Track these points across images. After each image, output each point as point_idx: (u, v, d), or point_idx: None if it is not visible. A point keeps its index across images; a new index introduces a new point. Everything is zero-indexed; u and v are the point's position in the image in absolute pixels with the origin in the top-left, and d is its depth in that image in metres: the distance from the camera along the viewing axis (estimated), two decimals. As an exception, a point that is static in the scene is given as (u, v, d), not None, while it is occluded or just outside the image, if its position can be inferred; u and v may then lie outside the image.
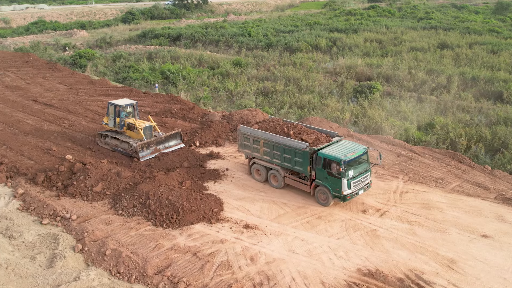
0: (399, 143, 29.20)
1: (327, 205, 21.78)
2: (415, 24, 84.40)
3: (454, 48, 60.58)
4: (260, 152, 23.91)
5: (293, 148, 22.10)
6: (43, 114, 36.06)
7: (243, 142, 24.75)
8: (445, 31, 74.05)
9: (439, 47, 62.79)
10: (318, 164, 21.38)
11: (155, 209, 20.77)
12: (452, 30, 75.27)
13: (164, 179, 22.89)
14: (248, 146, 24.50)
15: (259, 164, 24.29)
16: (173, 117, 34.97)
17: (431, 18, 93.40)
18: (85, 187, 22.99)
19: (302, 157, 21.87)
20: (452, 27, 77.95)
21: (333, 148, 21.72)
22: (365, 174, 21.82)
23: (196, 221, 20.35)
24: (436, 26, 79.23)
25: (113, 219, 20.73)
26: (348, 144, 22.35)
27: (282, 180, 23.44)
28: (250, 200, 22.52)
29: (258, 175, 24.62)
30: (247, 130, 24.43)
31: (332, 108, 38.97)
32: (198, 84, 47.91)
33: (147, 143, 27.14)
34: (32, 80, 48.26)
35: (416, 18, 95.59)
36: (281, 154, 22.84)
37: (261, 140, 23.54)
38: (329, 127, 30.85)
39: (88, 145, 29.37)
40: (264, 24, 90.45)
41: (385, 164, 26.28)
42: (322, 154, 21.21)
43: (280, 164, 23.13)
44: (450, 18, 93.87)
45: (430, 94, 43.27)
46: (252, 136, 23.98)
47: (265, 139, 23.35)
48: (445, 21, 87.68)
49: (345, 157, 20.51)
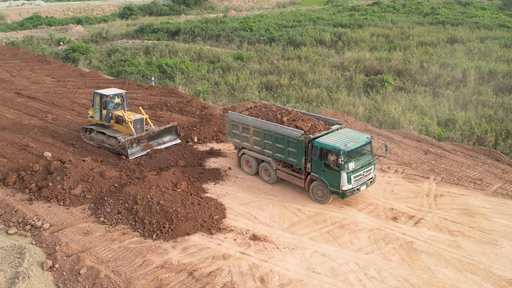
0: (424, 139, 25.71)
1: (324, 202, 18.93)
2: (422, 19, 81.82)
3: (465, 43, 57.69)
4: (250, 141, 21.22)
5: (286, 137, 19.33)
6: (25, 107, 32.51)
7: (231, 130, 22.05)
8: (453, 26, 71.42)
9: (449, 41, 60.39)
10: (314, 154, 18.54)
11: (144, 216, 17.23)
12: (461, 25, 72.78)
13: (156, 180, 19.32)
14: (237, 134, 21.80)
15: (249, 155, 21.61)
16: (168, 111, 31.47)
17: (437, 13, 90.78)
18: (62, 189, 19.42)
19: (296, 146, 19.05)
20: (460, 22, 75.53)
21: (332, 136, 18.82)
22: (369, 167, 18.87)
23: (193, 231, 16.80)
24: (443, 21, 76.72)
25: (92, 228, 17.18)
26: (350, 133, 19.36)
27: (274, 174, 20.64)
28: (257, 204, 18.97)
29: (248, 167, 21.96)
30: (236, 117, 21.62)
31: (343, 102, 35.86)
32: (197, 78, 44.61)
33: (137, 138, 23.60)
34: (18, 72, 44.72)
35: (422, 13, 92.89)
36: (273, 143, 20.11)
37: (251, 127, 20.82)
38: (344, 120, 27.38)
39: (71, 141, 25.80)
40: (266, 19, 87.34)
41: (412, 163, 22.77)
42: (319, 143, 18.35)
43: (272, 155, 20.42)
44: (457, 13, 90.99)
45: (445, 89, 40.16)
46: (242, 123, 21.24)
47: (255, 126, 20.63)
48: (452, 16, 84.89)
49: (345, 147, 17.67)
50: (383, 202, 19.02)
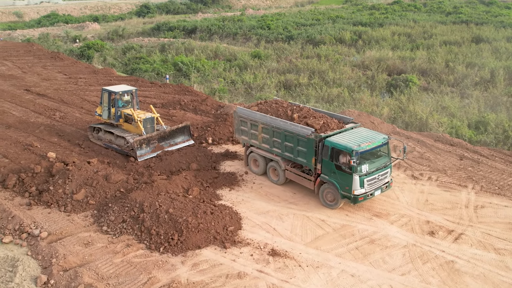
0: (458, 143, 23.60)
1: (335, 207, 17.43)
2: (444, 18, 79.12)
3: (492, 42, 55.21)
4: (258, 139, 19.87)
5: (295, 135, 17.95)
6: (33, 104, 31.14)
7: (240, 126, 20.75)
8: (478, 26, 68.71)
9: (473, 41, 57.89)
10: (325, 155, 17.09)
11: (151, 226, 15.52)
12: (485, 24, 69.97)
13: (165, 185, 17.59)
14: (245, 131, 20.51)
15: (257, 154, 20.32)
16: (182, 109, 29.77)
17: (460, 12, 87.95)
18: (64, 193, 17.81)
19: (306, 146, 17.66)
20: (484, 21, 72.75)
21: (345, 136, 17.30)
22: (385, 170, 17.25)
23: (204, 244, 15.04)
24: (467, 20, 73.94)
25: (94, 238, 15.52)
26: (365, 132, 17.75)
27: (282, 174, 19.28)
28: (276, 214, 17.12)
29: (256, 167, 20.69)
30: (245, 112, 20.32)
31: (366, 102, 33.90)
32: (213, 77, 42.96)
33: (147, 139, 21.92)
34: (30, 69, 43.58)
35: (444, 12, 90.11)
36: (281, 142, 18.73)
37: (259, 124, 19.50)
38: (370, 122, 25.40)
39: (78, 140, 24.24)
40: (284, 17, 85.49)
41: (447, 169, 20.69)
42: (330, 142, 16.91)
43: (281, 154, 19.07)
44: (480, 12, 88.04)
45: (473, 89, 37.98)
46: (250, 119, 19.94)
47: (264, 123, 19.27)
48: (475, 15, 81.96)
49: (358, 147, 16.18)
50: (417, 214, 17.02)
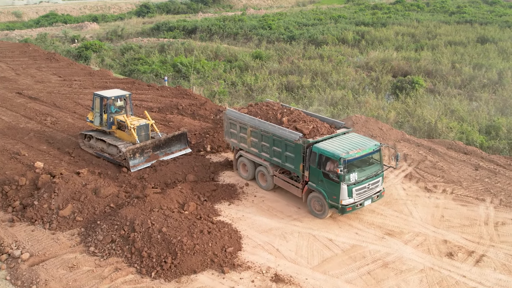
0: (473, 151, 22.18)
1: (322, 217, 16.61)
2: (448, 18, 77.92)
3: (497, 42, 53.94)
4: (247, 142, 19.19)
5: (283, 139, 17.25)
6: (24, 109, 29.75)
7: (229, 129, 20.14)
8: (482, 25, 67.49)
9: (478, 41, 56.74)
10: (312, 162, 16.37)
11: (142, 247, 14.14)
12: (490, 24, 68.78)
13: (159, 200, 16.18)
14: (234, 134, 19.88)
15: (246, 158, 19.63)
16: (180, 114, 28.38)
17: (464, 12, 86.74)
18: (49, 209, 16.42)
19: (294, 151, 16.95)
20: (489, 21, 71.65)
21: (334, 142, 16.57)
22: (376, 179, 16.46)
23: (201, 268, 13.64)
24: (471, 20, 72.78)
25: (80, 260, 14.13)
26: (355, 139, 16.93)
27: (270, 180, 18.61)
28: (280, 233, 15.73)
29: (245, 172, 20.00)
30: (234, 114, 19.72)
31: (371, 105, 32.53)
32: (213, 78, 41.59)
33: (140, 148, 20.53)
34: (24, 71, 42.15)
35: (448, 12, 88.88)
36: (270, 146, 18.05)
37: (248, 127, 18.82)
38: (378, 128, 24.01)
39: (68, 148, 22.86)
40: (285, 17, 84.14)
41: (462, 181, 19.29)
42: (318, 149, 16.17)
43: (269, 159, 18.36)
44: (484, 12, 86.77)
45: (481, 91, 36.66)
46: (239, 122, 19.30)
47: (252, 126, 18.62)
48: (479, 15, 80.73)
49: (346, 155, 15.45)
50: (433, 232, 15.63)
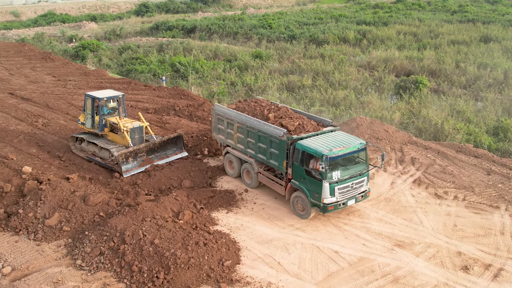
0: (483, 154, 21.10)
1: (305, 217, 16.17)
2: (449, 17, 77.02)
3: (501, 41, 53.04)
4: (234, 138, 18.99)
5: (268, 136, 17.03)
6: (15, 110, 28.67)
7: (217, 125, 19.95)
8: (485, 24, 66.60)
9: (482, 40, 55.98)
10: (296, 159, 16.05)
11: (133, 261, 13.06)
12: (493, 23, 67.85)
13: (152, 208, 15.09)
14: (222, 130, 19.72)
15: (232, 155, 19.34)
16: (176, 115, 27.31)
17: (466, 11, 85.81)
18: (35, 218, 15.34)
19: (278, 147, 16.70)
20: (491, 20, 70.84)
21: (318, 139, 16.19)
22: (360, 178, 16.02)
23: (196, 283, 12.55)
24: (473, 19, 71.80)
25: (65, 275, 13.04)
26: (341, 137, 16.54)
27: (255, 177, 18.31)
28: (281, 243, 14.65)
29: (231, 169, 19.73)
30: (221, 110, 19.60)
31: (375, 106, 31.56)
32: (212, 78, 40.56)
33: (134, 152, 19.44)
34: (18, 71, 41.10)
35: (450, 11, 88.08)
36: (255, 142, 17.84)
37: (235, 123, 18.62)
38: (384, 130, 22.93)
39: (58, 152, 21.77)
40: (285, 16, 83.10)
41: (474, 186, 18.21)
42: (301, 145, 15.83)
43: (254, 155, 18.15)
44: (487, 11, 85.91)
45: (487, 91, 35.76)
46: (226, 117, 19.11)
47: (239, 122, 18.42)
48: (482, 14, 79.86)
49: (329, 152, 15.05)
50: (446, 243, 14.56)
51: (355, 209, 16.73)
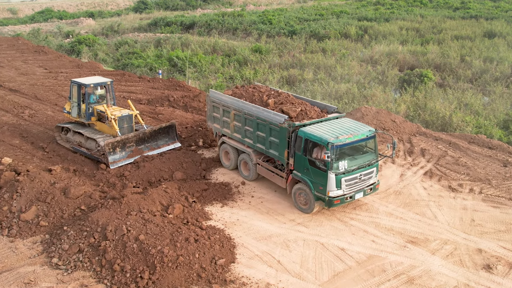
0: (498, 145, 19.68)
1: (308, 211, 14.69)
2: (452, 13, 75.78)
3: (506, 37, 52.01)
4: (230, 127, 17.54)
5: (268, 123, 15.55)
6: (1, 101, 27.23)
7: (212, 113, 18.46)
8: (488, 20, 65.40)
9: (486, 35, 54.76)
10: (298, 147, 14.56)
11: (114, 259, 11.64)
12: (496, 19, 66.69)
13: (138, 201, 13.65)
14: (217, 118, 18.27)
15: (228, 145, 17.95)
16: (171, 106, 25.94)
17: (468, 7, 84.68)
18: (10, 211, 13.93)
19: (279, 136, 15.23)
20: (495, 16, 69.67)
21: (322, 126, 14.68)
22: (369, 169, 14.55)
23: (185, 284, 11.11)
24: (476, 15, 70.54)
25: (39, 275, 11.62)
26: (348, 124, 15.02)
27: (253, 169, 16.92)
28: (281, 240, 13.21)
29: (227, 160, 18.38)
30: (217, 96, 18.07)
31: (379, 99, 30.31)
32: (210, 72, 39.16)
33: (122, 141, 18.01)
34: (9, 63, 39.69)
35: (452, 8, 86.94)
36: (254, 131, 16.38)
37: (231, 110, 17.17)
38: (391, 120, 21.57)
39: (43, 143, 20.36)
40: (286, 13, 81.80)
41: (491, 178, 16.79)
42: (304, 133, 14.35)
43: (252, 145, 16.69)
44: (489, 7, 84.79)
45: (494, 85, 34.64)
46: (222, 104, 17.65)
47: (236, 109, 16.95)
48: (485, 10, 78.68)
49: (335, 139, 13.58)
50: (464, 239, 13.13)
51: (362, 203, 15.31)
